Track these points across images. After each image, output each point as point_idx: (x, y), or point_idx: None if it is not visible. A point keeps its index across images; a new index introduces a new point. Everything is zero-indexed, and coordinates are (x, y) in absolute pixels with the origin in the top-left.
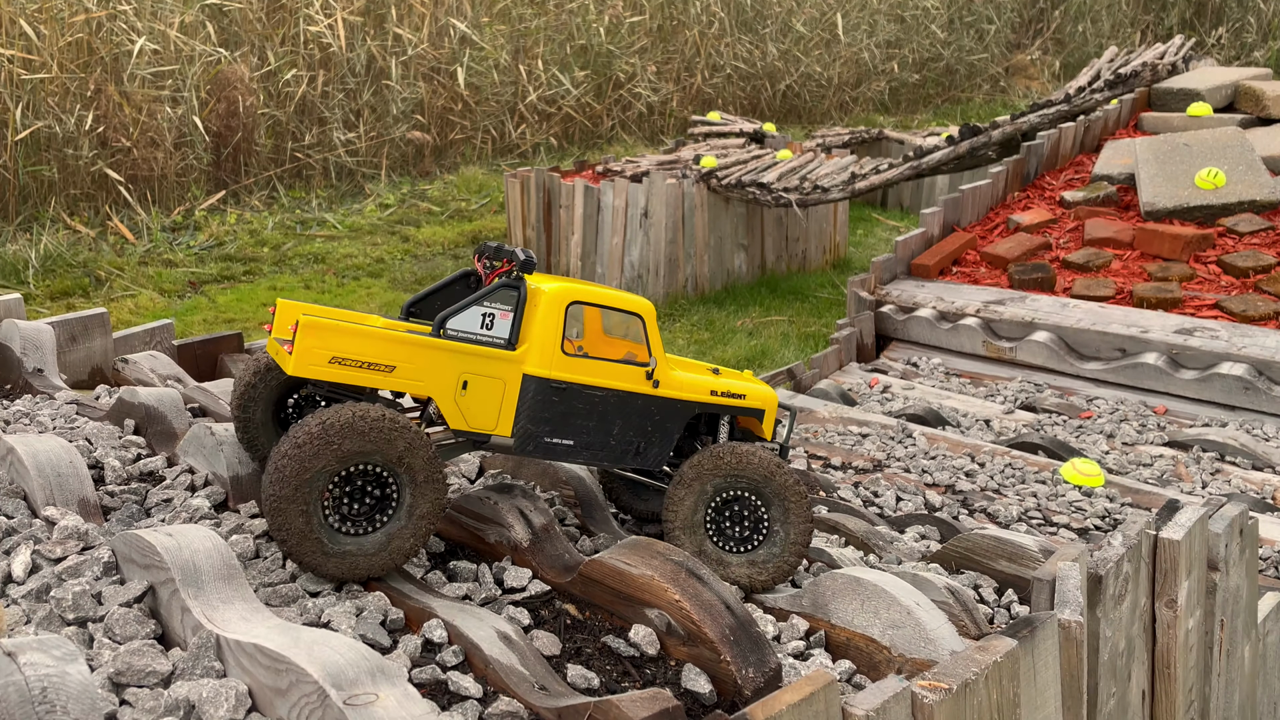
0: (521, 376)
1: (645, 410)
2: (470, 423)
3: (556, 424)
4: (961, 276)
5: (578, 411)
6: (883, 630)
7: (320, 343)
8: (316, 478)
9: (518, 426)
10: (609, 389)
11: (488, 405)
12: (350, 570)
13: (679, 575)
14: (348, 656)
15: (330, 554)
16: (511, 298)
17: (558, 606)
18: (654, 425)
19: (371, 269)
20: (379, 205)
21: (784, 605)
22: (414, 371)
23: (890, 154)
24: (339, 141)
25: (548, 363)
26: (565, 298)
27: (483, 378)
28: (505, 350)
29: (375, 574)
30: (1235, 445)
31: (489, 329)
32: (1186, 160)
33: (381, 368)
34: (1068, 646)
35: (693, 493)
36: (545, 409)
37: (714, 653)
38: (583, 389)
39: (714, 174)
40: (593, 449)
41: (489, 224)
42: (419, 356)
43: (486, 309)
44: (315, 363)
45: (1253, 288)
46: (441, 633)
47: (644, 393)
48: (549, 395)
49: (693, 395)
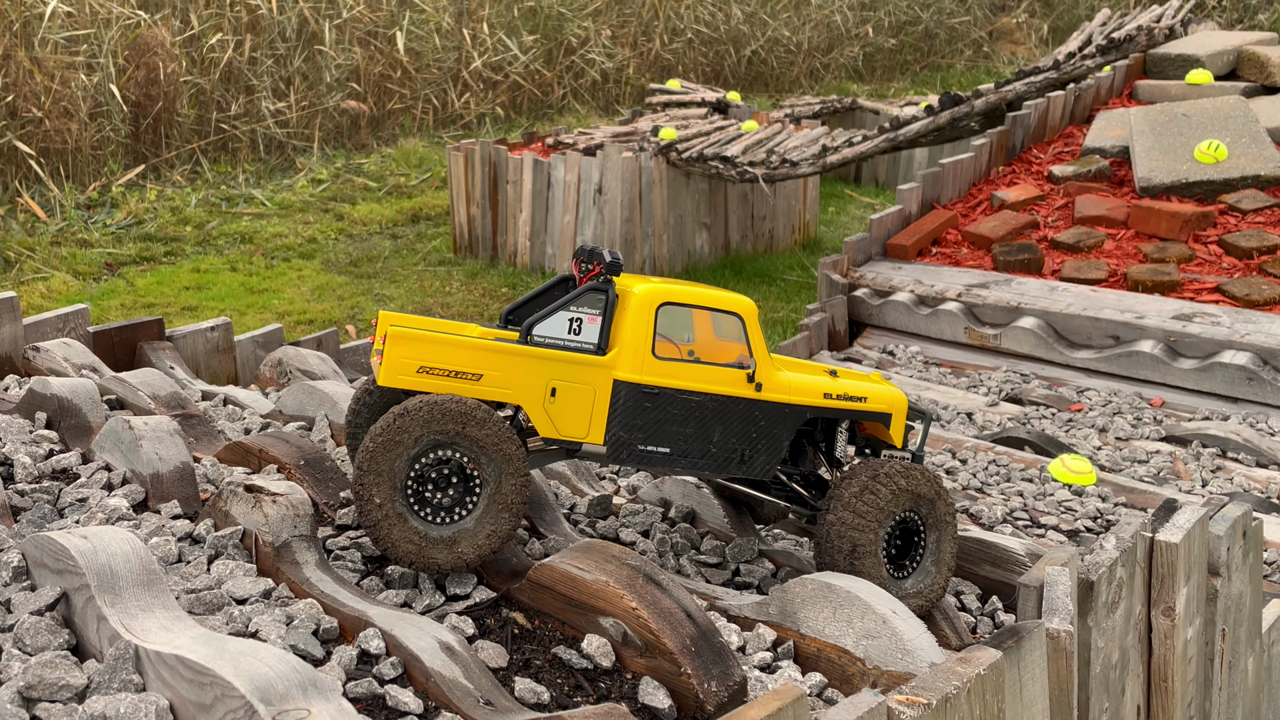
0: (612, 382)
1: (748, 415)
2: (560, 430)
3: (651, 431)
4: (942, 258)
5: (673, 418)
6: (856, 640)
7: (408, 353)
8: (403, 458)
9: (610, 434)
10: (706, 394)
11: (578, 412)
12: (432, 558)
13: (636, 581)
14: (277, 669)
15: (414, 539)
16: (599, 301)
17: (504, 615)
18: (759, 431)
19: (303, 250)
20: (311, 181)
21: (749, 613)
22: (501, 379)
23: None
24: (268, 112)
25: (638, 367)
26: (655, 299)
27: (572, 384)
28: (594, 355)
29: (455, 566)
30: (1238, 440)
31: (577, 334)
32: (1185, 132)
33: (469, 376)
34: (1056, 658)
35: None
36: (638, 415)
37: (674, 665)
38: (677, 394)
39: (674, 147)
40: (691, 457)
41: (430, 201)
42: (506, 364)
43: (574, 314)
44: (404, 372)
45: (1257, 270)
46: (379, 643)
47: (745, 396)
48: (641, 401)
49: (802, 398)
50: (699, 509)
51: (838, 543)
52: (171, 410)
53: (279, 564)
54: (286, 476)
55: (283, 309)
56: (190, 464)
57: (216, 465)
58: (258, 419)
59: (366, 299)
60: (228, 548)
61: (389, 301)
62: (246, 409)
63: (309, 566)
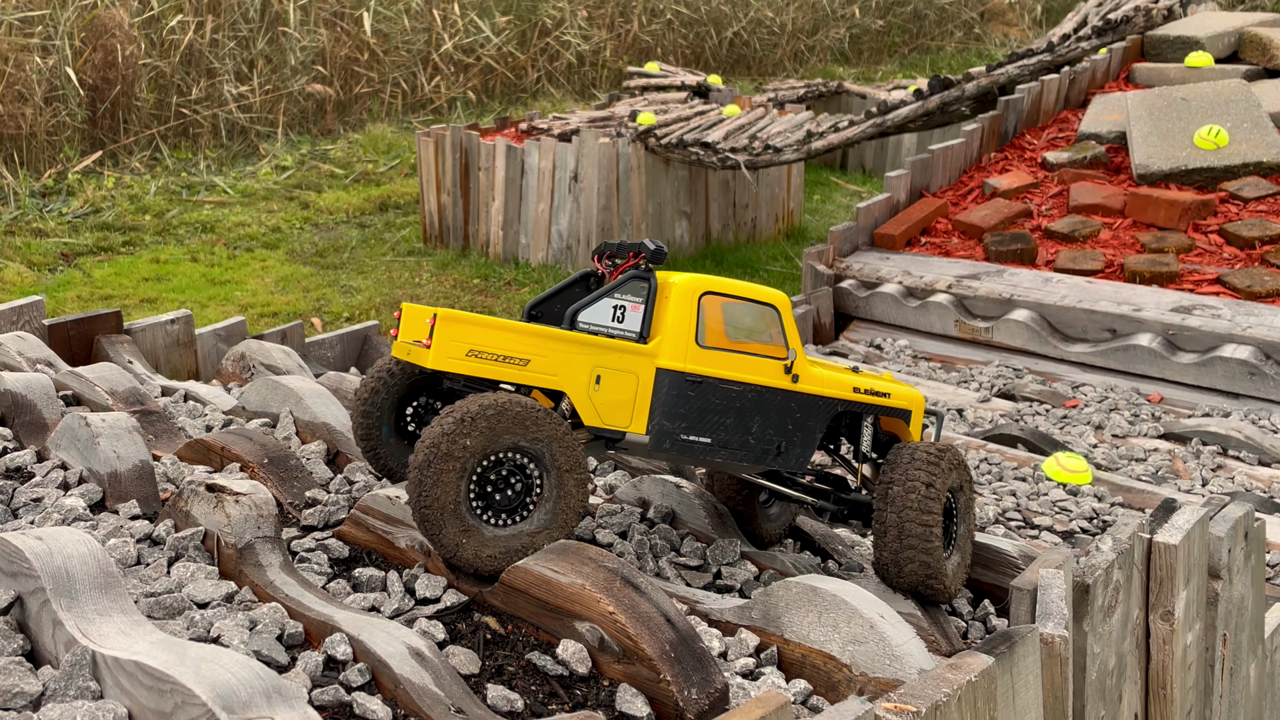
0: (655, 370)
1: (785, 407)
2: (604, 419)
3: (693, 420)
4: (931, 248)
5: (714, 407)
6: (842, 646)
7: (458, 335)
8: (469, 459)
9: (653, 423)
10: (746, 383)
11: (621, 400)
12: (491, 560)
13: (613, 584)
14: (240, 676)
15: (474, 540)
16: (642, 290)
17: (476, 619)
18: (795, 423)
19: (267, 239)
20: (275, 168)
21: (731, 618)
22: (548, 365)
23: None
24: (230, 96)
25: (681, 355)
26: (697, 288)
27: (616, 372)
28: (637, 343)
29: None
30: (1239, 438)
31: (620, 322)
32: (1184, 117)
33: (516, 361)
34: (1051, 664)
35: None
36: (681, 404)
37: (653, 671)
38: (719, 383)
39: (652, 132)
40: (731, 448)
41: (399, 188)
42: (553, 350)
43: (618, 301)
44: (454, 355)
45: (1259, 260)
46: (346, 649)
47: (783, 388)
48: (684, 390)
49: (835, 391)
50: (679, 509)
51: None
52: (130, 406)
53: (242, 566)
54: (250, 475)
55: (246, 301)
56: (149, 462)
57: (177, 464)
58: (219, 415)
59: (333, 290)
60: (189, 549)
61: (356, 293)
62: (208, 405)
63: (273, 569)
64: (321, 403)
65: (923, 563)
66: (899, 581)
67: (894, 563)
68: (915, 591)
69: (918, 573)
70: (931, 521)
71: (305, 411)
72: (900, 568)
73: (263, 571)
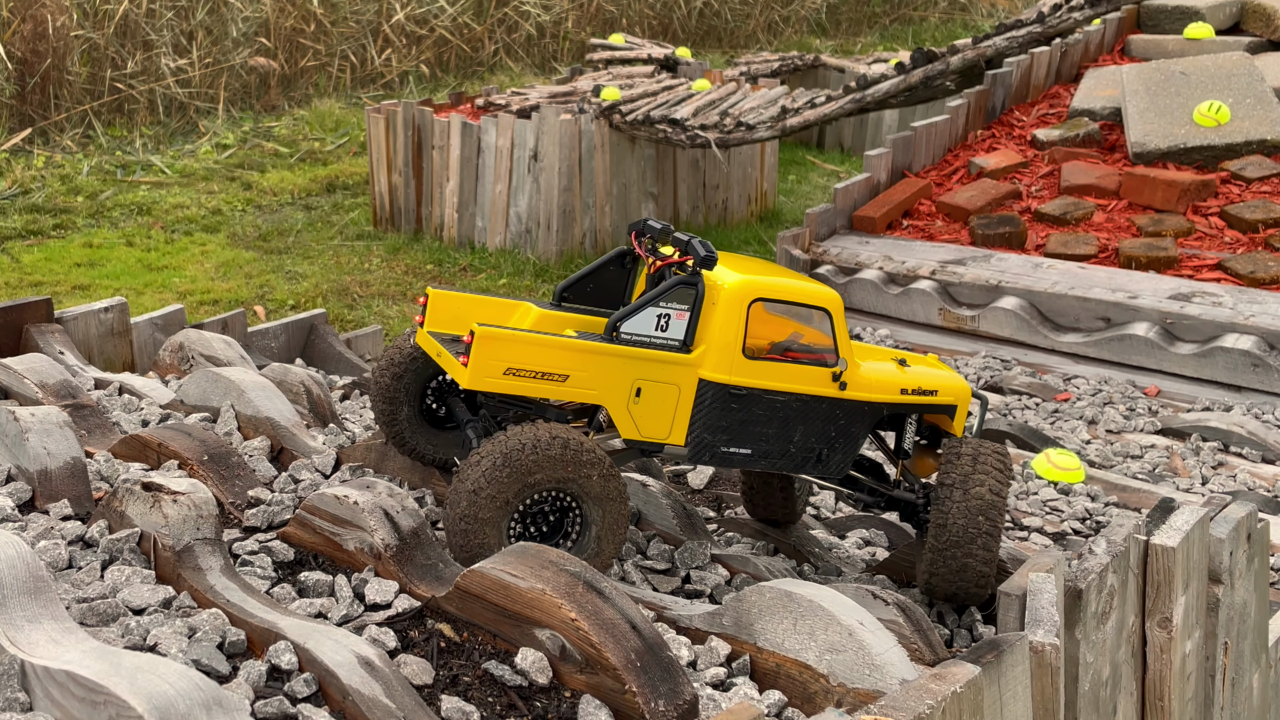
0: (697, 381)
1: (830, 415)
2: (643, 432)
3: (734, 432)
4: (914, 231)
5: (757, 418)
6: (819, 655)
7: (496, 353)
8: (514, 499)
9: (692, 435)
10: (792, 394)
11: (661, 413)
12: None
13: (575, 589)
14: (178, 686)
15: None
16: (689, 296)
17: (430, 626)
18: (838, 430)
19: (207, 222)
20: (216, 146)
21: (701, 625)
22: (587, 380)
23: (828, 85)
24: (168, 70)
25: (727, 367)
26: (748, 295)
27: (657, 384)
28: (680, 354)
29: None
30: (1241, 433)
31: (664, 330)
32: (1183, 92)
33: (555, 377)
34: (1041, 674)
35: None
36: (723, 417)
37: (617, 681)
38: (764, 395)
39: (617, 109)
40: (770, 457)
41: (347, 168)
42: (593, 364)
43: (662, 310)
44: (491, 375)
45: (1262, 244)
46: (291, 657)
47: (830, 396)
48: (727, 402)
49: (882, 396)
50: (645, 509)
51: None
52: (61, 400)
53: (180, 570)
54: (189, 473)
55: (184, 288)
56: (82, 459)
57: (111, 461)
58: (157, 410)
59: (277, 277)
60: (123, 552)
61: (302, 280)
62: (144, 399)
63: (213, 573)
64: (265, 396)
65: (978, 571)
66: (947, 585)
67: (945, 566)
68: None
69: (970, 579)
70: (995, 530)
71: (248, 405)
72: (953, 572)
73: (202, 576)
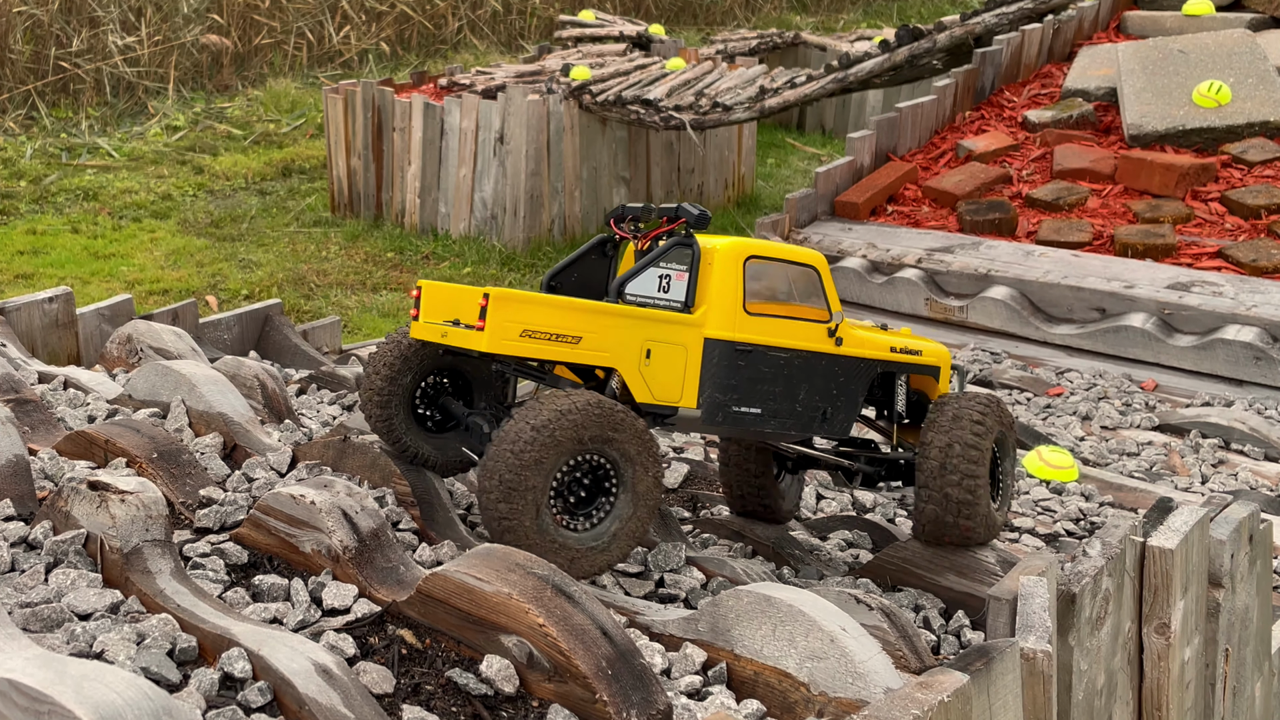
0: (703, 341)
1: (829, 371)
2: (656, 395)
3: (744, 391)
4: (899, 217)
5: (763, 376)
6: (800, 662)
7: (512, 316)
8: (555, 464)
9: (704, 395)
10: (794, 349)
11: (671, 374)
12: (585, 566)
13: (543, 593)
14: (126, 695)
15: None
16: (686, 257)
17: (391, 632)
18: (838, 387)
19: (156, 208)
20: (166, 128)
21: (675, 631)
22: (599, 342)
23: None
24: (115, 48)
25: (730, 324)
26: (742, 253)
27: (665, 344)
28: (683, 314)
29: (602, 569)
30: (1243, 429)
31: (665, 292)
32: (1182, 71)
33: (569, 339)
34: (1032, 683)
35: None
36: (731, 374)
37: (587, 690)
38: (767, 350)
39: (587, 89)
40: (780, 417)
41: (303, 151)
42: (604, 325)
43: (663, 270)
44: (508, 337)
45: (1265, 231)
46: (244, 665)
47: (828, 352)
48: (734, 359)
49: (875, 352)
50: None
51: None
52: (3, 395)
53: (128, 573)
54: (137, 471)
55: (133, 277)
56: (25, 457)
57: (56, 459)
58: (104, 405)
59: (230, 265)
60: (69, 554)
61: (256, 268)
62: (90, 393)
63: (163, 576)
64: (217, 391)
65: (959, 500)
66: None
67: (938, 519)
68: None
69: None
70: (975, 471)
71: (199, 400)
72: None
73: (152, 579)
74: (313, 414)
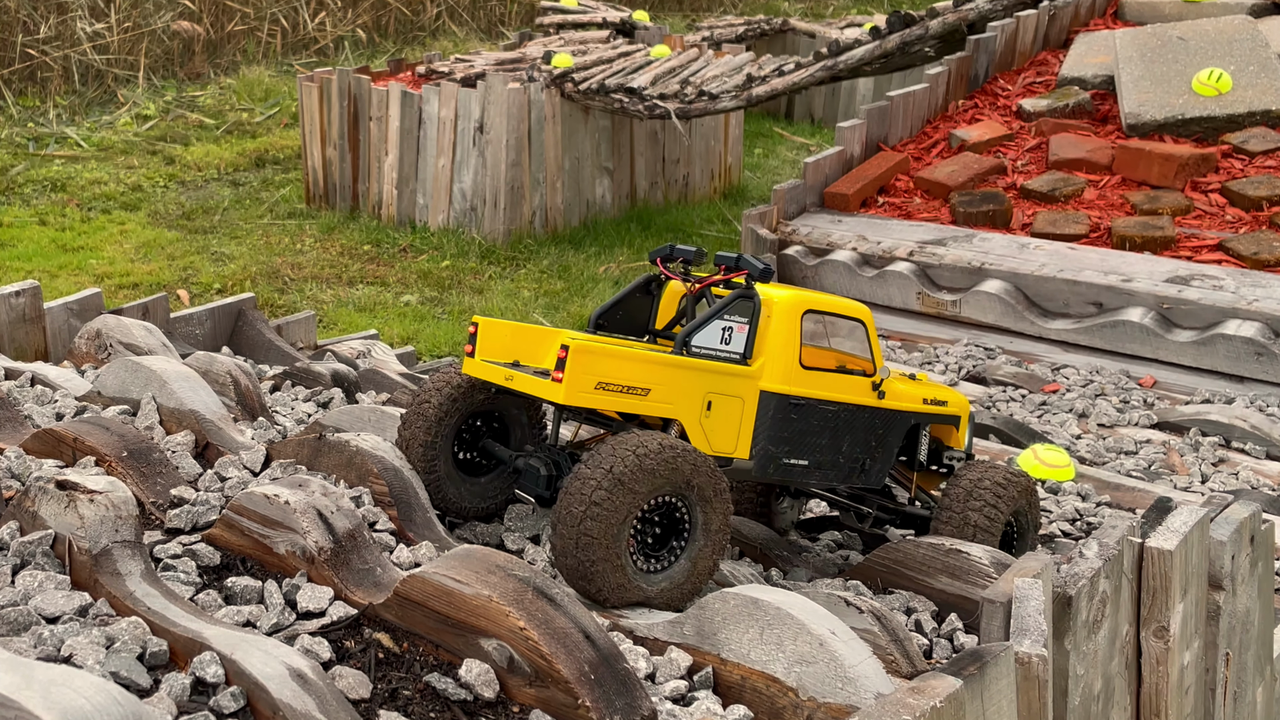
0: (759, 393)
1: (870, 424)
2: (713, 445)
3: (794, 444)
4: (890, 209)
5: (813, 429)
6: (788, 666)
7: (590, 368)
8: (633, 508)
9: (756, 448)
10: (841, 403)
11: (728, 425)
12: (658, 606)
13: (524, 595)
14: (95, 701)
15: (638, 590)
16: (748, 309)
17: (367, 636)
18: (878, 440)
19: (126, 199)
20: (136, 117)
21: (660, 635)
22: (665, 394)
23: (798, 51)
24: (84, 35)
25: (786, 377)
26: (800, 306)
27: (724, 396)
28: (741, 365)
29: (682, 606)
30: (1244, 427)
31: (727, 344)
32: (1181, 58)
33: (639, 391)
34: (1027, 687)
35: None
36: (784, 427)
37: (569, 695)
38: (818, 404)
39: (569, 77)
40: (824, 469)
41: (278, 141)
42: (671, 378)
43: (725, 323)
44: (584, 390)
45: (1267, 223)
46: (217, 669)
47: (871, 405)
48: (787, 413)
49: (911, 406)
50: None
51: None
52: None
53: (97, 575)
54: (107, 470)
55: (102, 270)
56: None
57: (23, 457)
58: (72, 402)
59: (202, 258)
60: (36, 556)
61: (229, 261)
62: (58, 390)
63: (133, 578)
64: (189, 387)
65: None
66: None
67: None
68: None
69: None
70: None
71: (170, 397)
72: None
73: (121, 581)
74: (287, 411)
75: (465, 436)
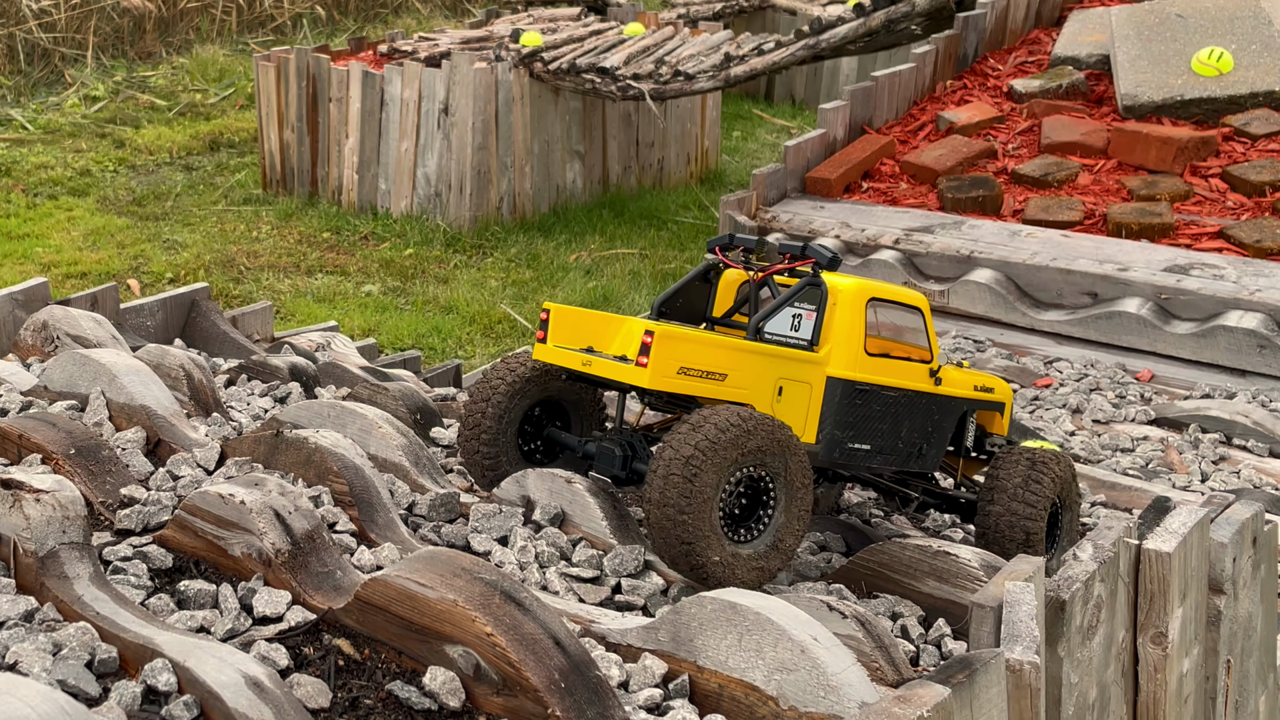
0: (825, 379)
1: (928, 410)
2: None
3: (858, 428)
4: (875, 195)
5: (875, 414)
6: (768, 674)
7: (673, 354)
8: (726, 472)
9: (823, 433)
10: (902, 389)
11: (797, 411)
12: (743, 577)
13: (491, 600)
14: (41, 710)
15: (726, 558)
16: (817, 296)
17: (326, 642)
18: (933, 425)
19: (74, 184)
20: (84, 98)
21: (634, 641)
22: (741, 379)
23: (778, 29)
24: (29, 11)
25: (851, 364)
26: (865, 294)
27: (794, 382)
28: (808, 352)
29: (761, 581)
30: (1245, 423)
31: (797, 331)
32: (1180, 37)
33: (717, 376)
34: (1019, 696)
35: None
36: (849, 413)
37: (538, 704)
38: (881, 390)
39: (539, 56)
40: (885, 453)
41: (233, 123)
42: (746, 363)
43: (795, 310)
44: (667, 374)
45: (1269, 209)
46: (169, 677)
47: (929, 391)
48: (853, 398)
49: (964, 392)
50: (569, 510)
51: (1009, 533)
52: None
53: (44, 579)
54: (53, 469)
55: (48, 259)
56: None
57: None
58: (17, 397)
59: (154, 246)
60: None
61: (182, 249)
62: (3, 384)
63: (81, 582)
64: (140, 381)
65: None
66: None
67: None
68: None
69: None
70: (1035, 530)
71: (120, 392)
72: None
73: (69, 585)
74: (243, 407)
75: (527, 428)
